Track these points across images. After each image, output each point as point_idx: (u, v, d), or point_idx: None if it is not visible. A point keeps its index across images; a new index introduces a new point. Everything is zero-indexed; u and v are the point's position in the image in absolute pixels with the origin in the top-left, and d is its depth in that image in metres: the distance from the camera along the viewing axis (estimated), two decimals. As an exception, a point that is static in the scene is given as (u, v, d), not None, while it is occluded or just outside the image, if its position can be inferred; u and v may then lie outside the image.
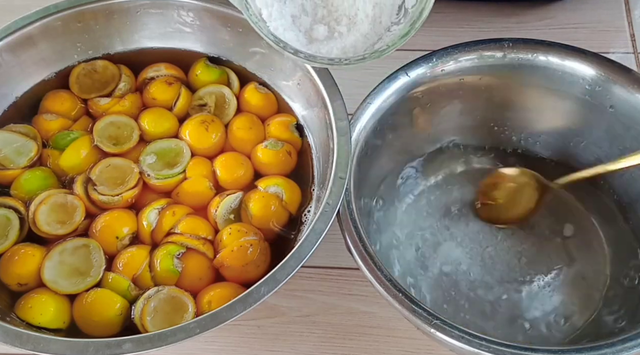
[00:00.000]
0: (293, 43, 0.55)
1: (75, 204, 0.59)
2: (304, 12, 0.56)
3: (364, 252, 0.52)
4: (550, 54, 0.61)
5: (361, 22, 0.56)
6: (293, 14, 0.56)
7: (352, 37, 0.56)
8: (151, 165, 0.62)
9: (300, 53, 0.55)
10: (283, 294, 0.64)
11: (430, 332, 0.48)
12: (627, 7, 0.84)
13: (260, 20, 0.54)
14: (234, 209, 0.61)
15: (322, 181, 0.60)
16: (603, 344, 0.48)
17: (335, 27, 0.57)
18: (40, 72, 0.67)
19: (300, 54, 0.54)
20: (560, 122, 0.65)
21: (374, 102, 0.60)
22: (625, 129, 0.61)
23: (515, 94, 0.64)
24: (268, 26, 0.54)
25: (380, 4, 0.56)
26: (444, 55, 0.61)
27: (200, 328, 0.47)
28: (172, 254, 0.57)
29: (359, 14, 0.56)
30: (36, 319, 0.53)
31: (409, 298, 0.49)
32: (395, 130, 0.63)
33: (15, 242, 0.58)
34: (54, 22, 0.65)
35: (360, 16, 0.56)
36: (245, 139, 0.64)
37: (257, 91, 0.67)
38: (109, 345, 0.47)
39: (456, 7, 0.85)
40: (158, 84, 0.67)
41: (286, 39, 0.55)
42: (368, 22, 0.56)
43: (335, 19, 0.57)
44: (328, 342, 0.62)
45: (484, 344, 0.47)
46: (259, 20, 0.54)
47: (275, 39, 0.54)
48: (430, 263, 0.64)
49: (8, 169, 0.61)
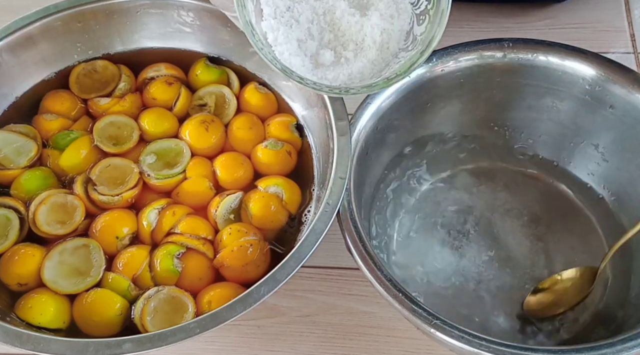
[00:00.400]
0: (299, 68, 0.54)
1: (75, 204, 0.59)
2: (310, 36, 0.56)
3: (364, 252, 0.52)
4: (550, 54, 0.61)
5: (368, 48, 0.56)
6: (299, 38, 0.55)
7: (359, 63, 0.56)
8: (151, 165, 0.62)
9: (306, 80, 0.54)
10: (283, 294, 0.64)
11: (430, 332, 0.48)
12: (627, 7, 0.84)
13: (265, 45, 0.54)
14: (234, 209, 0.61)
15: (322, 181, 0.60)
16: (603, 344, 0.48)
17: (341, 52, 0.56)
18: (40, 72, 0.67)
19: (306, 82, 0.54)
20: (560, 122, 0.65)
21: (374, 101, 0.60)
22: (626, 129, 0.61)
23: (515, 94, 0.64)
24: (273, 50, 0.54)
25: (388, 30, 0.56)
26: (444, 55, 0.61)
27: (200, 328, 0.47)
28: (172, 254, 0.57)
29: (366, 40, 0.56)
30: (36, 319, 0.53)
31: (409, 298, 0.49)
32: (395, 130, 0.63)
33: (15, 242, 0.58)
34: (54, 22, 0.65)
35: (368, 42, 0.56)
36: (245, 139, 0.64)
37: (257, 91, 0.67)
38: (109, 345, 0.47)
39: (456, 7, 0.85)
40: (158, 84, 0.67)
41: (292, 65, 0.54)
42: (375, 48, 0.56)
43: (342, 44, 0.56)
44: (328, 342, 0.62)
45: (484, 344, 0.47)
46: (264, 46, 0.53)
47: (281, 66, 0.53)
48: (428, 263, 0.64)
49: (8, 169, 0.61)
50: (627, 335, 0.49)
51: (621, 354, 0.47)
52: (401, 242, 0.65)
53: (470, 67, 0.62)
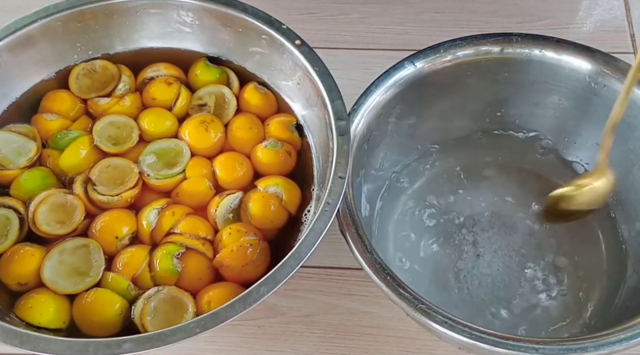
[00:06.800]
0: None
1: (74, 204, 0.59)
2: None
3: (365, 251, 0.52)
4: (560, 50, 0.61)
5: None
6: None
7: None
8: (151, 165, 0.62)
9: None
10: (283, 294, 0.64)
11: (440, 330, 0.48)
12: (627, 7, 0.84)
13: None
14: (233, 209, 0.61)
15: (322, 181, 0.59)
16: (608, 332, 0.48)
17: None
18: (40, 72, 0.67)
19: None
20: (562, 119, 0.65)
21: (372, 96, 0.60)
22: (629, 130, 0.61)
23: (518, 90, 0.65)
24: None
25: None
26: (452, 47, 0.62)
27: (200, 328, 0.47)
28: (172, 254, 0.57)
29: None
30: (36, 319, 0.53)
31: (415, 297, 0.49)
32: (396, 124, 0.63)
33: (15, 242, 0.57)
34: (54, 22, 0.65)
35: None
36: (245, 139, 0.64)
37: (257, 91, 0.67)
38: (109, 345, 0.47)
39: (456, 7, 0.86)
40: (158, 84, 0.67)
41: None
42: None
43: None
44: (328, 342, 0.62)
45: (501, 341, 0.47)
46: None
47: None
48: (428, 260, 0.64)
49: (8, 169, 0.61)
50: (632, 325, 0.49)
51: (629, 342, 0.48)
52: (401, 240, 0.65)
53: (472, 61, 0.62)
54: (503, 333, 0.48)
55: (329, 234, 0.52)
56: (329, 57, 0.62)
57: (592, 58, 0.61)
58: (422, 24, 0.84)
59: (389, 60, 0.62)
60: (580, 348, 0.47)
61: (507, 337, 0.48)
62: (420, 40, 0.66)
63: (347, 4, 0.87)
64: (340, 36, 0.84)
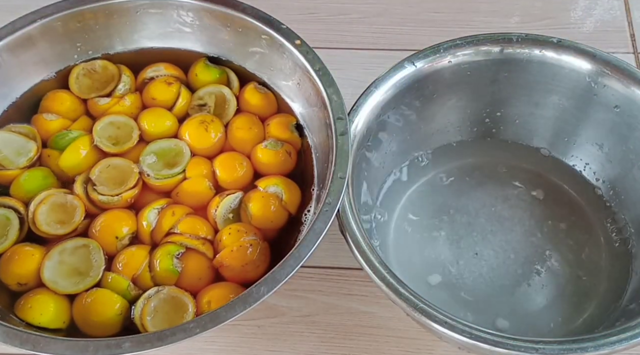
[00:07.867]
0: None
1: (74, 204, 0.59)
2: None
3: (365, 250, 0.52)
4: (560, 50, 0.61)
5: None
6: None
7: None
8: (151, 165, 0.62)
9: None
10: (283, 294, 0.64)
11: (440, 330, 0.48)
12: (627, 7, 0.84)
13: None
14: (233, 209, 0.61)
15: (322, 181, 0.59)
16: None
17: None
18: (40, 72, 0.67)
19: None
20: (562, 119, 0.65)
21: (373, 95, 0.60)
22: (629, 130, 0.61)
23: (518, 90, 0.65)
24: None
25: None
26: (451, 47, 0.62)
27: (200, 328, 0.47)
28: (172, 254, 0.57)
29: None
30: (36, 319, 0.53)
31: (416, 297, 0.49)
32: (396, 124, 0.63)
33: (15, 242, 0.58)
34: (54, 22, 0.65)
35: None
36: (245, 139, 0.64)
37: (257, 91, 0.67)
38: (109, 345, 0.47)
39: (456, 7, 0.86)
40: (158, 84, 0.67)
41: None
42: None
43: None
44: (328, 342, 0.62)
45: (501, 341, 0.47)
46: None
47: None
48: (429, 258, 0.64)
49: (8, 169, 0.61)
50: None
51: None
52: (400, 238, 0.65)
53: (473, 61, 0.62)
54: (503, 333, 0.48)
55: (329, 234, 0.52)
56: (329, 57, 0.62)
57: (592, 58, 0.61)
58: (422, 24, 0.84)
59: (389, 60, 0.62)
60: (580, 348, 0.47)
61: (507, 337, 0.48)
62: (420, 40, 0.66)
63: (347, 4, 0.87)
64: (340, 36, 0.84)
